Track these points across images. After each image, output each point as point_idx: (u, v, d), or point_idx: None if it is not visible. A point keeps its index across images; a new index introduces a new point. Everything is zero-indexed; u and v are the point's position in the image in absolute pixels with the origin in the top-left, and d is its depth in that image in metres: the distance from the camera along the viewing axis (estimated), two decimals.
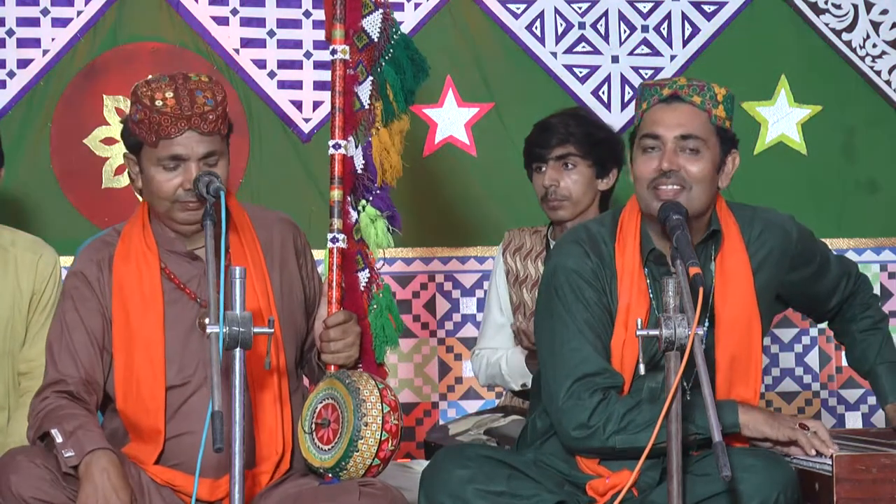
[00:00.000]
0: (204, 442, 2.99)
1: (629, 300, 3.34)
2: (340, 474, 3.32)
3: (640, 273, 3.36)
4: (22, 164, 4.93)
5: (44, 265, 3.96)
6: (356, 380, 3.37)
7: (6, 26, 5.02)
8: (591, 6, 5.41)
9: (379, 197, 3.54)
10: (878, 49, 5.55)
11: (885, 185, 5.55)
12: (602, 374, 3.29)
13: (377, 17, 3.54)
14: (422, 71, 3.58)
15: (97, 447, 3.23)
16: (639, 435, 3.21)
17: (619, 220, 3.43)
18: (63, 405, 3.36)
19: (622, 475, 3.24)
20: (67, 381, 3.40)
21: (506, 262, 4.47)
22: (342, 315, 3.45)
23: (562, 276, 3.38)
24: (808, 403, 5.49)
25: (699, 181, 3.30)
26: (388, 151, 3.55)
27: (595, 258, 3.38)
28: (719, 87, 3.36)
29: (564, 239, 3.49)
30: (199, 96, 3.34)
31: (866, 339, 3.70)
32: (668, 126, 3.32)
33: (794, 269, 3.51)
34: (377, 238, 3.51)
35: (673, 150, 3.30)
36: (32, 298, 3.93)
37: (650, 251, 3.37)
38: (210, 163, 3.36)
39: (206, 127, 3.34)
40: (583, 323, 3.33)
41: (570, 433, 3.29)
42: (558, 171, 4.26)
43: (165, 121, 3.32)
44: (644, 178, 3.33)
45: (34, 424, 3.38)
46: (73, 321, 3.45)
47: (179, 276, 3.46)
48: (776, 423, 3.29)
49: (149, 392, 3.38)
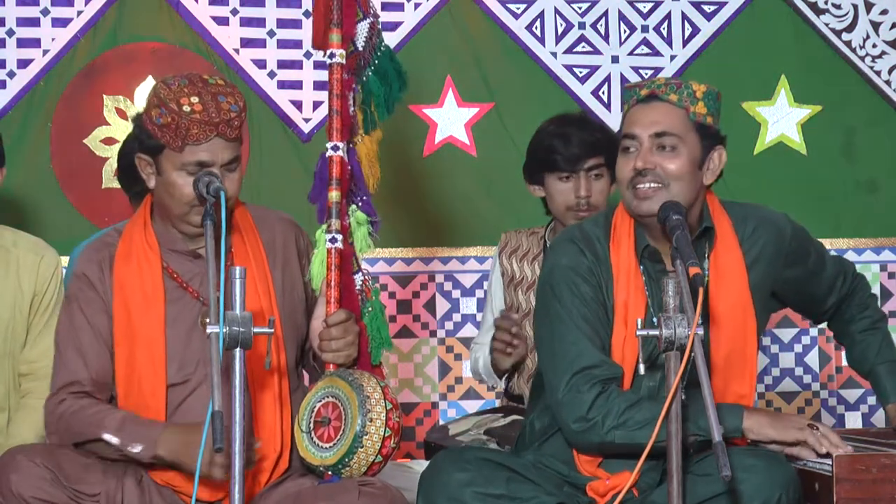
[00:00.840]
0: (204, 442, 2.99)
1: (626, 297, 3.35)
2: (342, 471, 3.33)
3: (636, 270, 3.38)
4: (22, 164, 4.93)
5: (45, 266, 3.96)
6: (358, 377, 3.37)
7: (6, 26, 5.02)
8: (591, 6, 5.41)
9: (366, 203, 3.56)
10: (878, 49, 5.55)
11: (885, 185, 5.55)
12: (600, 366, 3.30)
13: (365, 26, 3.56)
14: (405, 84, 3.63)
15: (160, 429, 3.28)
16: (638, 432, 3.21)
17: (613, 219, 3.44)
18: (85, 405, 3.38)
19: (622, 476, 3.24)
20: (82, 382, 3.42)
21: (501, 264, 4.47)
22: (343, 314, 3.45)
23: (558, 274, 3.40)
24: (808, 403, 5.50)
25: (677, 178, 3.31)
26: (370, 159, 3.57)
27: (590, 255, 3.39)
28: (698, 84, 3.38)
29: (559, 239, 3.50)
30: (223, 102, 3.35)
31: (865, 339, 3.70)
32: (643, 125, 3.34)
33: (789, 266, 3.51)
34: (360, 243, 3.54)
35: (649, 148, 3.32)
36: (34, 300, 3.93)
37: (644, 248, 3.38)
38: (231, 168, 3.38)
39: (232, 133, 3.36)
40: (580, 318, 3.34)
41: (571, 426, 3.29)
42: (590, 182, 4.26)
43: (194, 127, 3.32)
44: (623, 178, 3.36)
45: (60, 429, 3.39)
46: (80, 323, 3.45)
47: (182, 275, 3.47)
48: (781, 426, 3.27)
49: (150, 389, 3.39)
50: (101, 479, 3.31)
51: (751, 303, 3.40)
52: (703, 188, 3.40)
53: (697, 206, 3.40)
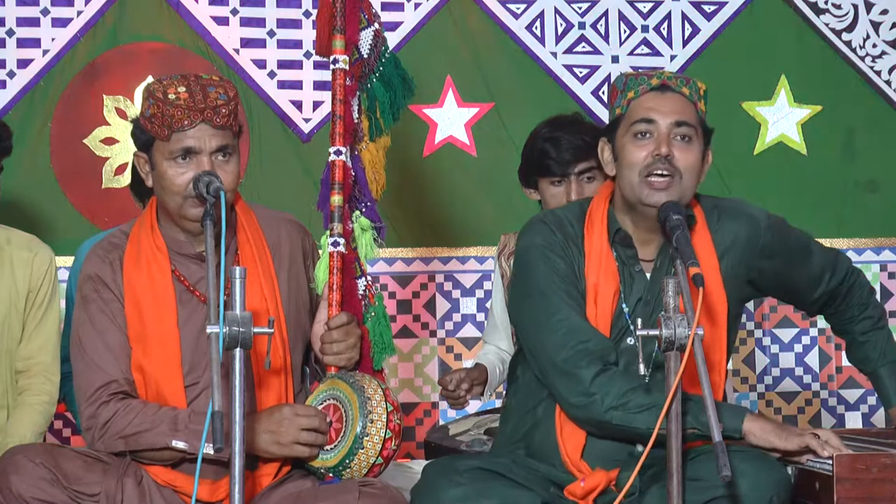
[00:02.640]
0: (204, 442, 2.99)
1: (597, 279, 3.36)
2: (343, 472, 3.33)
3: (608, 253, 3.39)
4: (22, 164, 4.94)
5: (39, 263, 3.96)
6: (360, 379, 3.38)
7: (6, 26, 5.02)
8: (591, 6, 5.41)
9: (370, 209, 3.55)
10: (878, 49, 5.55)
11: (885, 185, 5.55)
12: (592, 339, 3.30)
13: (369, 33, 3.56)
14: (409, 91, 3.63)
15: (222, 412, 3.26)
16: (637, 416, 3.20)
17: (588, 207, 3.45)
18: (134, 406, 3.34)
19: (597, 475, 3.23)
20: (120, 382, 3.37)
21: (500, 266, 4.48)
22: (344, 317, 3.45)
23: (533, 252, 3.41)
24: (808, 403, 5.50)
25: (688, 170, 3.32)
26: (376, 166, 3.56)
27: (560, 235, 3.41)
28: (700, 82, 3.40)
29: (530, 221, 3.51)
30: (211, 91, 3.35)
31: (868, 339, 3.68)
32: (663, 112, 3.33)
33: (765, 257, 3.49)
34: (365, 249, 3.53)
35: (667, 135, 3.32)
36: (28, 296, 3.93)
37: (616, 231, 3.38)
38: (222, 158, 3.36)
39: (219, 120, 3.34)
40: (563, 293, 3.35)
41: (570, 400, 3.28)
42: (581, 185, 4.26)
43: (178, 113, 3.32)
44: (636, 163, 3.33)
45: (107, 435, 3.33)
46: (104, 324, 3.42)
47: (189, 278, 3.45)
48: (785, 434, 3.22)
49: (169, 391, 3.36)
50: (100, 479, 3.30)
51: (723, 291, 3.38)
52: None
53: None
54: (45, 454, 3.29)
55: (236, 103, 3.39)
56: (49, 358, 3.96)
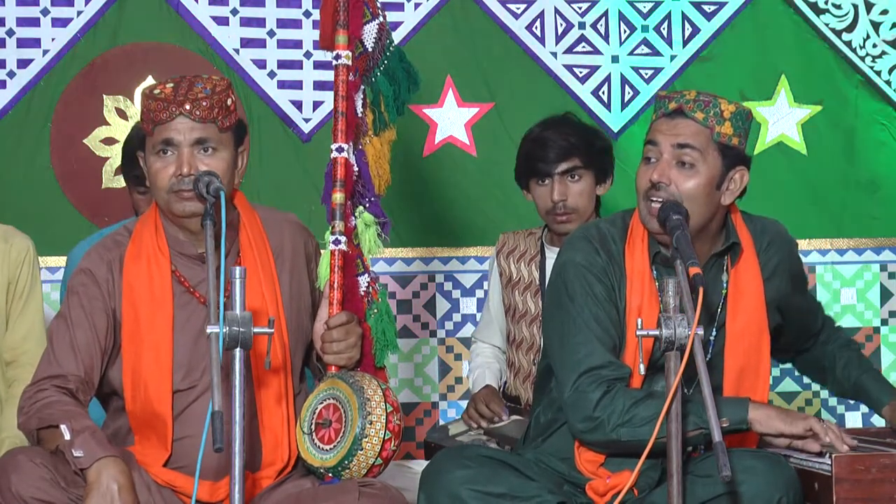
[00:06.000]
0: (204, 442, 2.99)
1: (640, 302, 3.34)
2: (342, 473, 3.32)
3: (649, 275, 3.36)
4: (22, 164, 4.94)
5: (16, 253, 3.95)
6: (359, 379, 3.37)
7: (6, 26, 5.02)
8: (591, 6, 5.41)
9: (374, 204, 3.55)
10: (878, 49, 5.55)
11: (885, 185, 5.55)
12: (607, 366, 3.29)
13: (374, 26, 3.55)
14: (414, 83, 3.62)
15: (108, 454, 3.20)
16: (642, 428, 3.20)
17: (630, 222, 3.43)
18: (67, 401, 3.33)
19: (623, 476, 3.24)
20: (68, 378, 3.37)
21: (499, 265, 4.48)
22: (344, 316, 3.45)
23: (571, 271, 3.39)
24: (808, 403, 5.50)
25: (691, 198, 3.29)
26: (380, 161, 3.56)
27: (604, 255, 3.38)
28: (728, 104, 3.35)
29: (574, 236, 3.49)
30: (197, 87, 3.36)
31: (844, 355, 3.74)
32: (665, 134, 3.33)
33: (795, 289, 3.56)
34: (369, 244, 3.52)
35: (668, 161, 3.31)
36: (9, 287, 3.92)
37: (656, 254, 3.38)
38: (203, 151, 3.35)
39: (200, 113, 3.34)
40: (590, 317, 3.33)
41: (577, 426, 3.29)
42: (564, 185, 4.26)
43: (159, 106, 3.33)
44: (639, 188, 3.36)
45: (31, 412, 3.33)
46: (78, 318, 3.42)
47: (189, 279, 3.44)
48: (789, 418, 3.25)
49: (156, 395, 3.36)
50: None
51: (766, 318, 3.40)
52: (721, 207, 3.37)
53: (716, 222, 3.37)
54: (45, 454, 3.28)
55: (222, 98, 3.37)
56: (35, 346, 3.92)
